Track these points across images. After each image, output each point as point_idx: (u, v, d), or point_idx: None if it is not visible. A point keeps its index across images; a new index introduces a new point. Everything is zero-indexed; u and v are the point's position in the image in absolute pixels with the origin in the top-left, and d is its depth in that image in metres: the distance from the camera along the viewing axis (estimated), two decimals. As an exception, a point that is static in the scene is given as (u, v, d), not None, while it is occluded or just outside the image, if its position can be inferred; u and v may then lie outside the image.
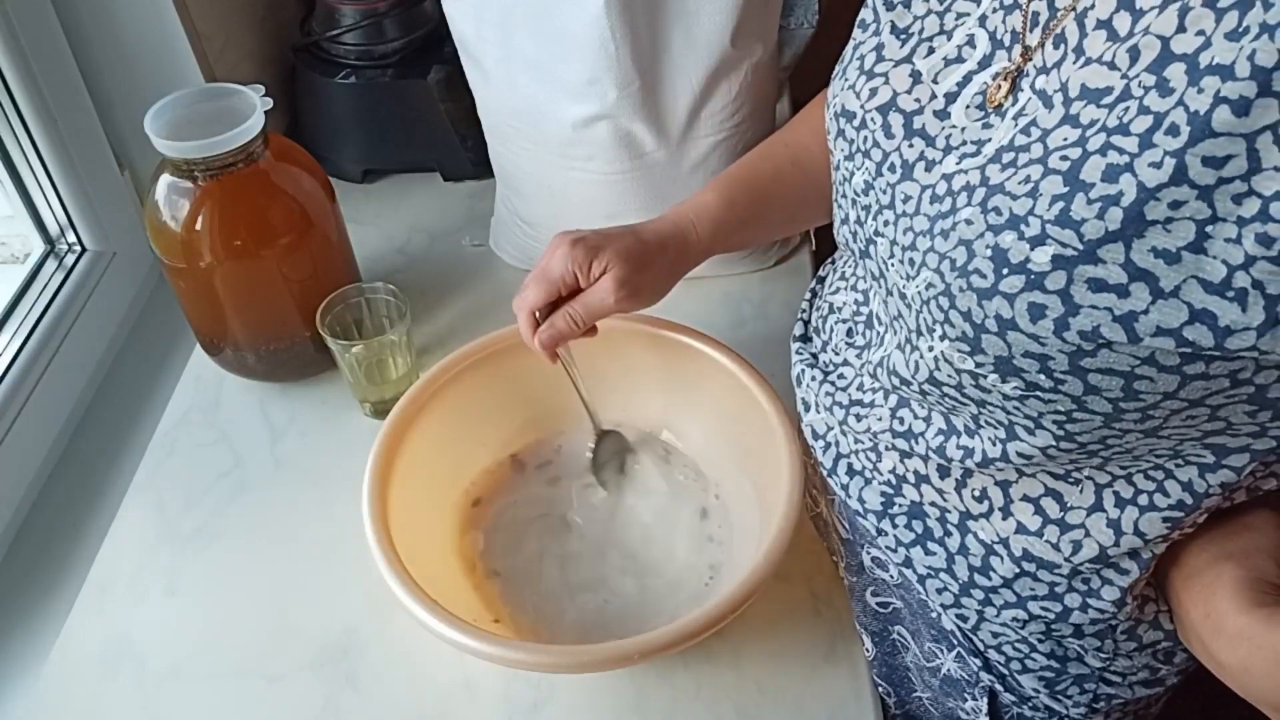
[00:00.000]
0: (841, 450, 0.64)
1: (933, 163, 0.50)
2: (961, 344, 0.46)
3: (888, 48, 0.53)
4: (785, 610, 0.69)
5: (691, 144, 0.84)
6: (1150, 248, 0.38)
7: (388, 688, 0.67)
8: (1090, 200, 0.40)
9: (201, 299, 0.81)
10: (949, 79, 0.50)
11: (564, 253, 0.64)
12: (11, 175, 0.88)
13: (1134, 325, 0.40)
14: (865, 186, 0.54)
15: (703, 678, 0.66)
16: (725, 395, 0.73)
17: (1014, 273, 0.42)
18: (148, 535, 0.76)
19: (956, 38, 0.51)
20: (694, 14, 0.78)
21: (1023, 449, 0.50)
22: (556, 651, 0.58)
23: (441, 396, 0.73)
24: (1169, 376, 0.41)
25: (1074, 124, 0.42)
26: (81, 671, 0.68)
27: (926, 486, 0.58)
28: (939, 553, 0.59)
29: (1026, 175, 0.43)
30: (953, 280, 0.45)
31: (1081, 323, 0.41)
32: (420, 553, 0.64)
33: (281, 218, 0.78)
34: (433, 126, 1.02)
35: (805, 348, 0.69)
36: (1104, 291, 0.40)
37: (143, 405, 0.89)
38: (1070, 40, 0.44)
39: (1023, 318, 0.42)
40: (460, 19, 0.83)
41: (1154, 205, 0.38)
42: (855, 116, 0.54)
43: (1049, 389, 0.44)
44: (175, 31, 0.90)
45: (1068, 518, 0.53)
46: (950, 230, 0.46)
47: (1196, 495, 0.49)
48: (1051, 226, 0.41)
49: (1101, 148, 0.40)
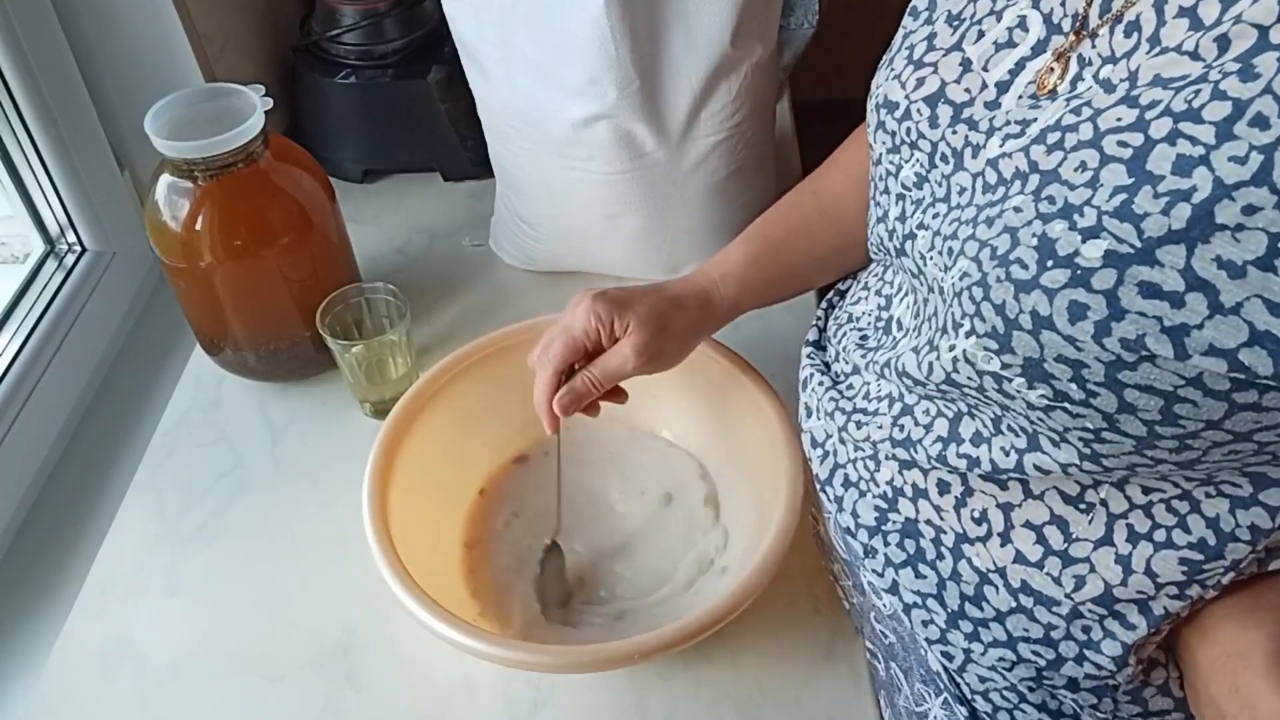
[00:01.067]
0: (839, 460, 0.60)
1: (977, 148, 0.46)
2: (990, 341, 0.42)
3: (939, 36, 0.50)
4: (785, 610, 0.69)
5: (691, 144, 0.84)
6: (1215, 256, 0.35)
7: (388, 688, 0.67)
8: (1158, 193, 0.36)
9: (201, 299, 0.81)
10: (1000, 66, 0.46)
11: (587, 307, 0.62)
12: (11, 175, 0.88)
13: (1184, 340, 0.36)
14: (918, 179, 0.51)
15: (702, 678, 0.66)
16: (725, 395, 0.73)
17: (1059, 266, 0.38)
18: (148, 535, 0.76)
19: (1007, 19, 0.47)
20: (694, 14, 0.78)
21: (1042, 462, 0.45)
22: (556, 651, 0.58)
23: (441, 396, 0.73)
24: (1215, 403, 0.37)
25: (1131, 104, 0.38)
26: (81, 671, 0.68)
27: (924, 502, 0.55)
28: (929, 576, 0.55)
29: (1082, 161, 0.39)
30: (990, 269, 0.41)
31: (1125, 329, 0.37)
32: (420, 553, 0.64)
33: (281, 218, 0.78)
34: (433, 126, 1.02)
35: (818, 354, 0.66)
36: (1156, 298, 0.36)
37: (143, 405, 0.89)
38: (1145, 28, 0.40)
39: (1061, 316, 0.38)
40: (460, 19, 0.83)
41: (1227, 206, 0.34)
42: (898, 107, 0.51)
43: (1079, 401, 0.40)
44: (175, 31, 0.90)
45: (1072, 549, 0.49)
46: (996, 218, 0.42)
47: (1222, 536, 0.44)
48: (1109, 219, 0.37)
49: (1169, 135, 0.36)
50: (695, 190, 0.87)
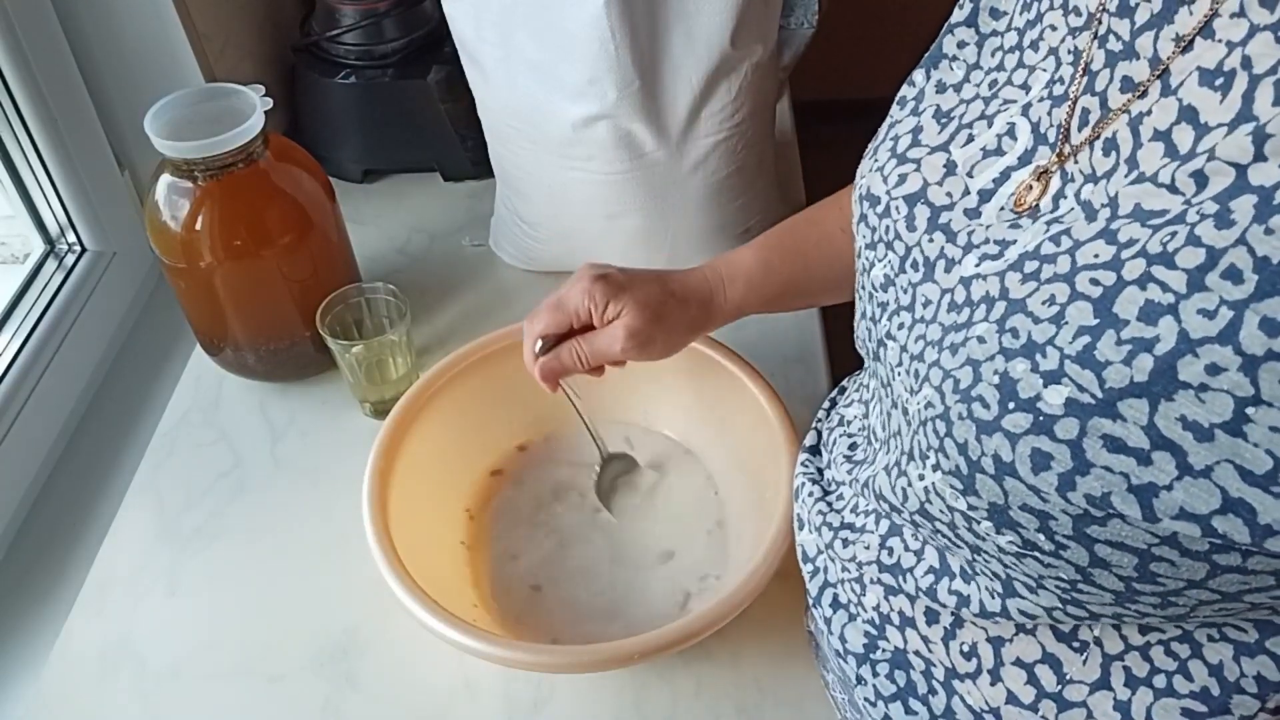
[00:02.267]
0: (829, 578, 0.57)
1: (952, 261, 0.44)
2: (954, 479, 0.39)
3: (925, 131, 0.48)
4: (785, 610, 0.69)
5: (691, 144, 0.84)
6: (1179, 416, 0.32)
7: (388, 688, 0.67)
8: (1121, 340, 0.33)
9: (201, 299, 0.81)
10: (985, 174, 0.44)
11: (584, 287, 0.62)
12: (11, 175, 0.88)
13: (1152, 501, 0.33)
14: (885, 281, 0.48)
15: (703, 678, 0.66)
16: (725, 395, 0.73)
17: (1020, 409, 0.36)
18: (148, 535, 0.76)
19: (997, 125, 0.45)
20: (694, 14, 0.78)
21: (1025, 607, 0.43)
22: (556, 651, 0.58)
23: (441, 396, 0.73)
24: (1195, 564, 0.34)
25: (1109, 239, 0.36)
26: (81, 671, 0.68)
27: (911, 632, 0.51)
28: (920, 713, 0.51)
29: (1051, 295, 0.37)
30: (953, 403, 0.39)
31: (1091, 485, 0.34)
32: (420, 553, 0.64)
33: (281, 218, 0.78)
34: (433, 126, 1.02)
35: (812, 461, 0.63)
36: (1121, 453, 0.33)
37: (143, 405, 0.89)
38: (1123, 149, 0.38)
39: (1024, 464, 0.35)
40: (460, 19, 0.83)
41: (1190, 363, 0.31)
42: (880, 202, 0.48)
43: (1049, 552, 0.37)
44: (175, 31, 0.90)
45: (1065, 692, 0.45)
46: (960, 345, 0.40)
47: (1226, 685, 0.41)
48: (1070, 364, 0.34)
49: (1140, 277, 0.34)
50: (695, 190, 0.87)
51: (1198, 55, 0.35)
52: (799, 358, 0.85)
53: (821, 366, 0.86)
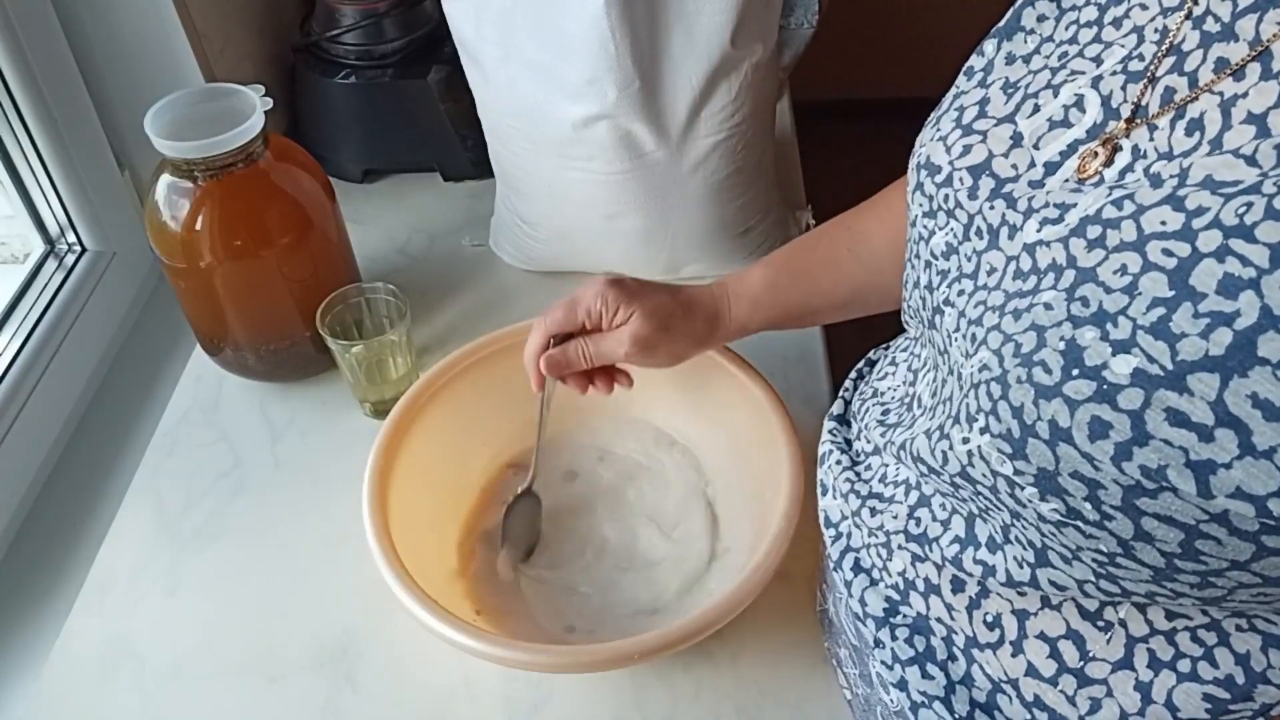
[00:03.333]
0: (852, 543, 0.58)
1: (1014, 228, 0.43)
2: (1003, 443, 0.39)
3: (992, 103, 0.47)
4: (785, 610, 0.69)
5: (691, 144, 0.84)
6: (1250, 393, 0.32)
7: (388, 688, 0.67)
8: (1198, 313, 0.33)
9: (201, 299, 0.81)
10: (1051, 146, 0.44)
11: (597, 290, 0.64)
12: (11, 175, 0.88)
13: (1209, 478, 0.33)
14: (948, 249, 0.48)
15: (702, 678, 0.66)
16: (725, 394, 0.73)
17: (1085, 376, 0.35)
18: (148, 535, 0.76)
19: (1064, 96, 0.44)
20: (694, 14, 0.78)
21: (1056, 578, 0.43)
22: (556, 651, 0.58)
23: (441, 396, 0.73)
24: (1242, 544, 0.34)
25: (1177, 207, 0.35)
26: (81, 671, 0.68)
27: (935, 599, 0.52)
28: (938, 678, 0.52)
29: (1123, 264, 0.36)
30: (1012, 367, 0.38)
31: (1148, 456, 0.34)
32: (421, 552, 0.64)
33: (281, 218, 0.78)
34: (433, 126, 1.02)
35: (840, 430, 0.64)
36: (1183, 427, 0.33)
37: (143, 405, 0.89)
38: (1209, 129, 0.37)
39: (1080, 431, 0.35)
40: (460, 19, 0.83)
41: (1272, 339, 0.31)
42: (939, 171, 0.48)
43: (1093, 522, 0.37)
44: (175, 31, 0.90)
45: (1088, 669, 0.46)
46: (1024, 310, 0.40)
47: (1251, 675, 0.41)
48: (1144, 334, 0.34)
49: (1217, 250, 0.33)
50: (695, 190, 0.87)
51: None
52: (799, 358, 0.85)
53: (821, 366, 0.86)
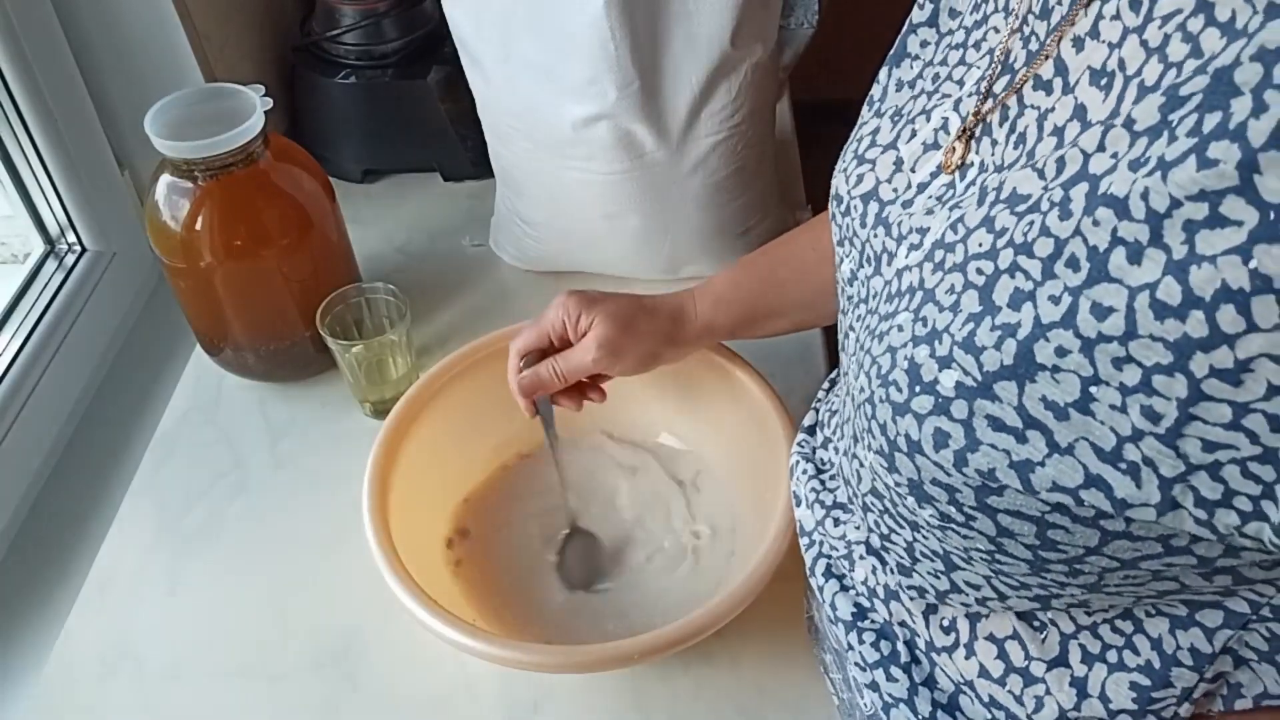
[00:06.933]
0: (823, 550, 0.59)
1: (891, 255, 0.46)
2: (881, 459, 0.42)
3: (881, 131, 0.50)
4: (785, 610, 0.69)
5: (691, 144, 0.84)
6: (1040, 396, 0.34)
7: (388, 688, 0.67)
8: (994, 326, 0.36)
9: (201, 299, 0.81)
10: (924, 168, 0.46)
11: (559, 301, 0.66)
12: (11, 175, 0.88)
13: (1030, 475, 0.36)
14: (850, 276, 0.51)
15: (702, 679, 0.66)
16: (725, 395, 0.73)
17: (925, 392, 0.39)
18: (148, 535, 0.76)
19: (934, 119, 0.47)
20: (694, 14, 0.78)
21: (968, 578, 0.45)
22: (556, 651, 0.58)
23: (441, 396, 0.73)
24: (1086, 530, 0.37)
25: (989, 228, 0.38)
26: (81, 671, 0.68)
27: (896, 605, 0.53)
28: (902, 680, 0.53)
29: (951, 284, 0.39)
30: (876, 388, 0.42)
31: (980, 461, 0.37)
32: (421, 553, 0.64)
33: (281, 218, 0.78)
34: (433, 126, 1.02)
35: (809, 441, 0.65)
36: (1002, 432, 0.36)
37: (143, 405, 0.89)
38: (1029, 141, 0.39)
39: (928, 443, 0.38)
40: (460, 19, 0.83)
41: (1043, 346, 0.34)
42: (842, 201, 0.51)
43: (961, 524, 0.40)
44: (175, 31, 0.90)
45: (1031, 668, 0.48)
46: (885, 334, 0.43)
47: (1165, 658, 0.43)
48: (958, 349, 0.37)
49: (1010, 266, 0.36)
50: (695, 190, 0.87)
51: (1088, 55, 0.37)
52: (799, 358, 0.85)
53: (821, 367, 0.86)
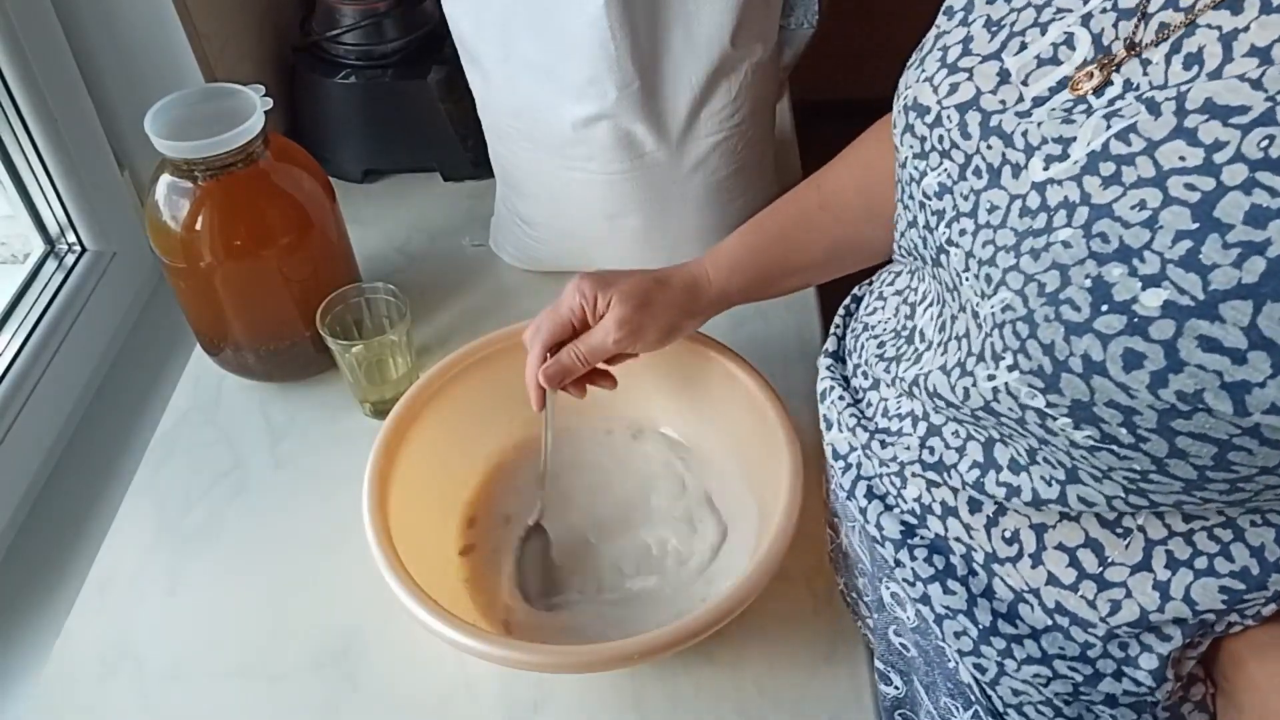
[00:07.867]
0: (864, 473, 0.58)
1: (1018, 167, 0.44)
2: (1035, 379, 0.40)
3: (976, 41, 0.47)
4: (785, 610, 0.69)
5: (691, 144, 0.84)
6: None
7: (388, 688, 0.67)
8: (1227, 244, 0.34)
9: (201, 299, 0.81)
10: (1040, 82, 0.44)
11: (573, 287, 0.65)
12: (11, 175, 0.88)
13: (1244, 397, 0.35)
14: (940, 189, 0.48)
15: (702, 679, 0.66)
16: (726, 395, 0.73)
17: (1114, 311, 0.37)
18: (148, 535, 0.76)
19: (1052, 34, 0.44)
20: (694, 14, 0.78)
21: (1086, 494, 0.44)
22: (556, 651, 0.58)
23: (441, 396, 0.73)
24: (1272, 451, 0.36)
25: (1191, 141, 0.36)
26: (81, 671, 0.68)
27: (953, 520, 0.53)
28: (959, 593, 0.53)
29: (1141, 200, 0.37)
30: (1038, 307, 0.39)
31: (1183, 382, 0.35)
32: (421, 553, 0.64)
33: (281, 218, 0.78)
34: (433, 126, 1.02)
35: (837, 367, 0.64)
36: (1216, 352, 0.34)
37: (143, 405, 0.89)
38: (1209, 63, 0.37)
39: (1114, 364, 0.37)
40: (460, 19, 0.83)
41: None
42: (929, 112, 0.48)
43: (1128, 445, 0.39)
44: (175, 31, 0.90)
45: (1107, 574, 0.47)
46: (1043, 250, 0.40)
47: (1266, 565, 0.43)
48: (1173, 268, 0.35)
49: (1244, 183, 0.34)
50: (695, 190, 0.87)
51: None
52: (799, 358, 0.85)
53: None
